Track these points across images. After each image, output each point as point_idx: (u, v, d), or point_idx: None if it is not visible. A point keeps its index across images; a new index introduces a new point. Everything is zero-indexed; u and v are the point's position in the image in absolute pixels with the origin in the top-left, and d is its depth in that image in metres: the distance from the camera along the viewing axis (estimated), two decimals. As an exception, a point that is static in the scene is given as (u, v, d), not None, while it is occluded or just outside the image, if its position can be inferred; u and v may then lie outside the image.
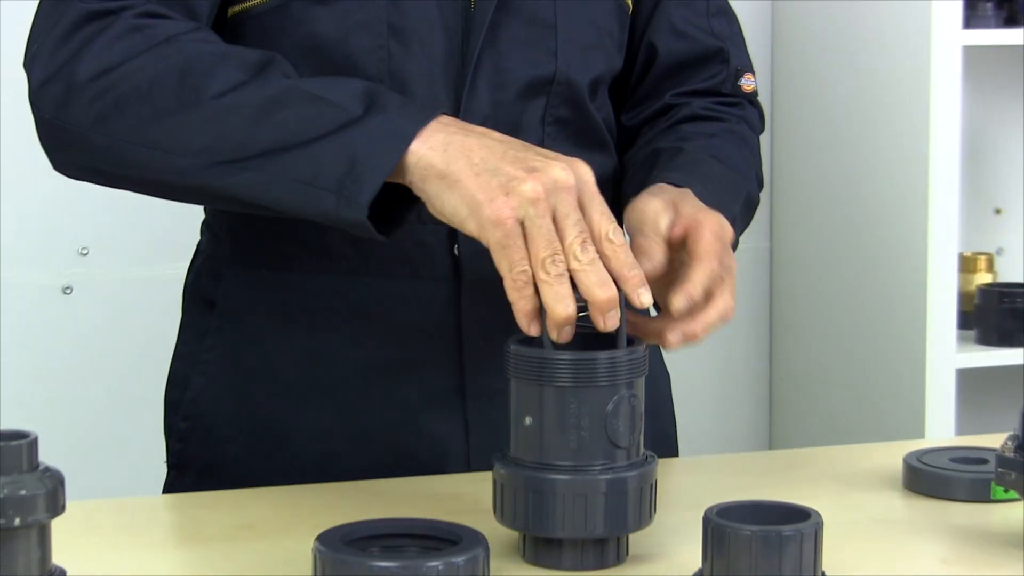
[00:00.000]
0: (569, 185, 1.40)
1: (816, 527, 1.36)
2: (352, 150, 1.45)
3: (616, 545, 1.47)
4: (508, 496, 1.45)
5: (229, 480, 1.73)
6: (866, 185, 2.98)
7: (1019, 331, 2.98)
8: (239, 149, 1.50)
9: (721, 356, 3.29)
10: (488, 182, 1.41)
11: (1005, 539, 1.55)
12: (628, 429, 1.44)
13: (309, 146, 1.47)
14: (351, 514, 1.50)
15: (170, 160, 1.53)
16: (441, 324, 1.71)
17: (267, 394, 1.76)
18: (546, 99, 1.73)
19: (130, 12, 1.56)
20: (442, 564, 1.32)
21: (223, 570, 1.47)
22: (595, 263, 1.40)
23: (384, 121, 1.46)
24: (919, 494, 1.68)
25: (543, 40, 1.72)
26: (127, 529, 1.59)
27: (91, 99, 1.54)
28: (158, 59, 1.53)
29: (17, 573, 1.25)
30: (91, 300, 2.94)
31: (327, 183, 1.45)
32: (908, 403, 2.90)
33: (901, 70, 2.88)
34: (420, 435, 1.74)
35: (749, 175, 1.78)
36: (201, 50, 1.54)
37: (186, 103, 1.51)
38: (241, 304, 1.77)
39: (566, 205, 1.40)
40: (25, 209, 2.83)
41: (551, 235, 1.39)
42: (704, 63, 1.84)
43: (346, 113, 1.47)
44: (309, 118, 1.48)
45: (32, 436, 1.25)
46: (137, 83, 1.53)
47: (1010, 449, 1.50)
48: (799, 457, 1.89)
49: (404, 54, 1.67)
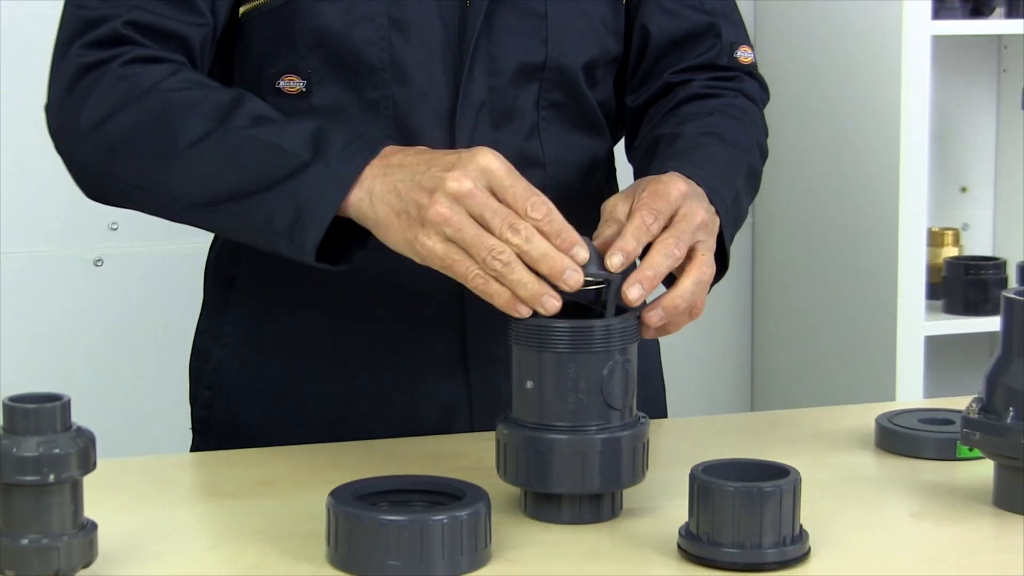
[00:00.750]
0: (465, 191, 1.40)
1: (794, 483, 1.36)
2: (297, 200, 1.49)
3: (611, 500, 1.47)
4: (510, 455, 1.45)
5: (249, 443, 1.73)
6: (842, 165, 2.98)
7: (983, 301, 2.98)
8: (208, 194, 1.56)
9: (706, 325, 3.29)
10: (407, 221, 1.44)
11: (970, 494, 1.54)
12: (622, 392, 1.44)
13: (262, 194, 1.51)
14: (362, 471, 1.50)
15: (159, 200, 1.60)
16: (445, 296, 1.71)
17: (283, 363, 1.76)
18: (539, 84, 1.72)
19: (118, 61, 1.60)
20: (446, 518, 1.32)
21: (243, 523, 1.47)
22: (531, 238, 1.40)
23: (325, 170, 1.48)
24: (890, 453, 1.68)
25: (534, 29, 1.71)
26: (153, 485, 1.58)
27: (94, 147, 1.61)
28: (140, 110, 1.58)
29: (52, 526, 1.25)
30: (121, 272, 2.94)
31: (279, 228, 1.50)
32: (880, 368, 2.90)
33: (874, 59, 2.88)
34: (426, 399, 1.74)
35: (749, 147, 1.75)
36: (177, 99, 1.57)
37: (164, 152, 1.56)
38: (258, 281, 1.76)
39: (477, 205, 1.40)
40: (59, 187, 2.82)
41: (478, 238, 1.40)
42: (697, 39, 1.80)
43: (295, 159, 1.50)
44: (264, 166, 1.52)
45: (65, 398, 1.25)
46: (125, 133, 1.58)
47: (975, 411, 1.49)
48: (779, 418, 1.89)
49: (404, 45, 1.67)
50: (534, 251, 1.39)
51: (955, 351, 3.22)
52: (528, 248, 1.39)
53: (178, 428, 1.96)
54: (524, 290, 1.39)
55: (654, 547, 1.40)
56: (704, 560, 1.35)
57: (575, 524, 1.46)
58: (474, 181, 1.41)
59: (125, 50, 1.60)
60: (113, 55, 1.60)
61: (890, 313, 2.86)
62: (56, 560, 1.25)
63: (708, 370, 3.34)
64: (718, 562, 1.34)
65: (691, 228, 1.49)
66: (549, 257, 1.39)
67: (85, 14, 1.62)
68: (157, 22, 1.61)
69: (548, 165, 1.73)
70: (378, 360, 1.74)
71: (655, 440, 1.51)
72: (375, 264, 1.59)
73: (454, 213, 1.40)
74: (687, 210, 1.50)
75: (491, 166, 1.42)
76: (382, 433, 1.72)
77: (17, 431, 1.23)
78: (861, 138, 2.92)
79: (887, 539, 1.44)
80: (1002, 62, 3.29)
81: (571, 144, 1.75)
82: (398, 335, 1.73)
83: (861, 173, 2.93)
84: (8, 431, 1.24)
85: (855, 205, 2.95)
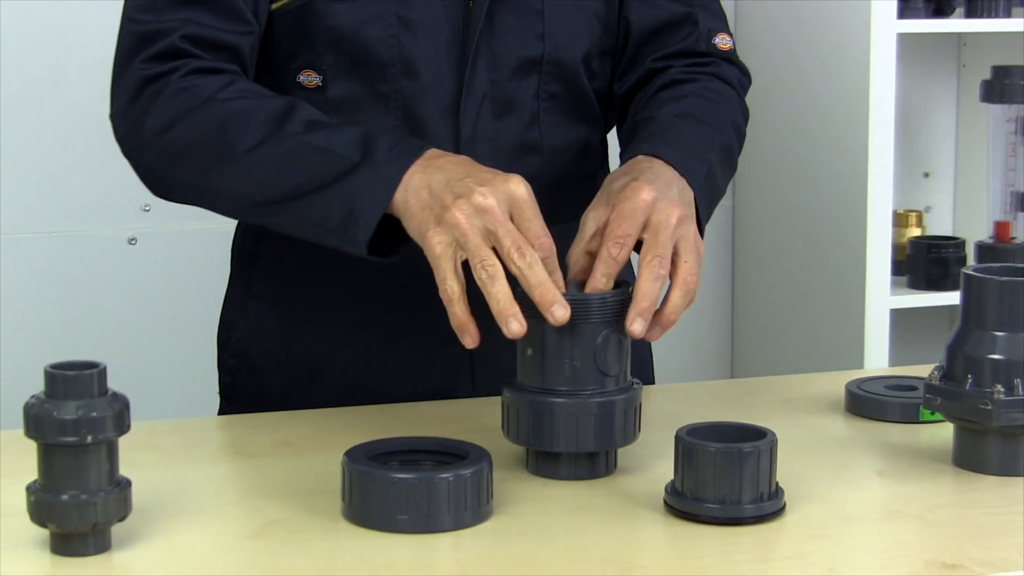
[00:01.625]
0: (487, 206, 1.41)
1: (771, 444, 1.36)
2: (350, 199, 1.50)
3: (605, 458, 1.47)
4: (513, 417, 1.46)
5: (271, 407, 1.72)
6: (815, 153, 2.98)
7: (944, 277, 2.98)
8: (266, 195, 1.57)
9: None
10: (428, 215, 1.45)
11: (931, 454, 1.54)
12: (615, 359, 1.44)
13: (317, 194, 1.53)
14: (374, 433, 1.50)
15: (219, 200, 1.63)
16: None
17: (303, 335, 1.76)
18: (538, 77, 1.71)
19: (178, 74, 1.60)
20: (452, 476, 1.32)
21: (265, 481, 1.47)
22: (533, 265, 1.40)
23: (373, 171, 1.49)
24: (859, 416, 1.68)
25: (532, 25, 1.70)
26: (182, 446, 1.58)
27: (158, 153, 1.62)
28: (201, 120, 1.59)
29: (89, 483, 1.25)
30: (153, 250, 2.93)
31: (332, 226, 1.52)
32: (849, 338, 2.90)
33: (844, 54, 2.87)
34: (433, 367, 1.74)
35: (722, 126, 1.71)
36: (234, 109, 1.58)
37: (224, 157, 1.57)
38: (279, 259, 1.76)
39: (492, 222, 1.42)
40: (95, 171, 2.82)
41: (477, 247, 1.41)
42: (675, 27, 1.77)
43: (346, 162, 1.51)
44: (317, 168, 1.53)
45: (102, 366, 1.25)
46: (187, 141, 1.59)
47: (936, 378, 1.49)
48: (757, 385, 1.89)
49: (412, 42, 1.66)
50: (533, 277, 1.40)
51: (918, 323, 3.21)
52: (528, 273, 1.40)
53: (206, 394, 1.96)
54: (497, 304, 1.41)
55: (643, 502, 1.40)
56: (688, 515, 1.35)
57: (572, 480, 1.46)
58: (498, 201, 1.42)
59: (183, 63, 1.61)
60: (173, 68, 1.61)
61: (859, 288, 2.86)
62: (94, 514, 1.25)
63: (692, 341, 3.34)
64: (701, 516, 1.34)
65: (668, 236, 1.48)
66: (544, 286, 1.40)
67: (142, 29, 1.62)
68: (210, 35, 1.62)
69: (545, 152, 1.72)
70: (389, 331, 1.73)
71: (645, 404, 1.51)
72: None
73: (469, 221, 1.42)
74: (659, 217, 1.48)
75: (518, 193, 1.43)
76: (392, 398, 1.72)
77: (57, 396, 1.23)
78: (833, 127, 2.92)
79: (856, 495, 1.44)
80: (962, 58, 3.28)
81: (568, 132, 1.75)
82: (407, 309, 1.72)
83: (833, 160, 2.92)
84: (49, 396, 1.24)
85: (827, 189, 2.94)
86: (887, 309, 2.87)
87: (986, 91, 3.04)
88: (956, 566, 1.26)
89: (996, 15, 2.93)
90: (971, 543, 1.31)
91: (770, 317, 3.21)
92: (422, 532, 1.31)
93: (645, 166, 1.55)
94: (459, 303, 1.43)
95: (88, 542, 1.26)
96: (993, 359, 1.45)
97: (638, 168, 1.55)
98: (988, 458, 1.48)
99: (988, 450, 1.48)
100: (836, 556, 1.29)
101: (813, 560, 1.28)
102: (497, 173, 1.46)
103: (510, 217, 1.43)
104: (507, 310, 1.40)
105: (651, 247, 1.47)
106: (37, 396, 1.24)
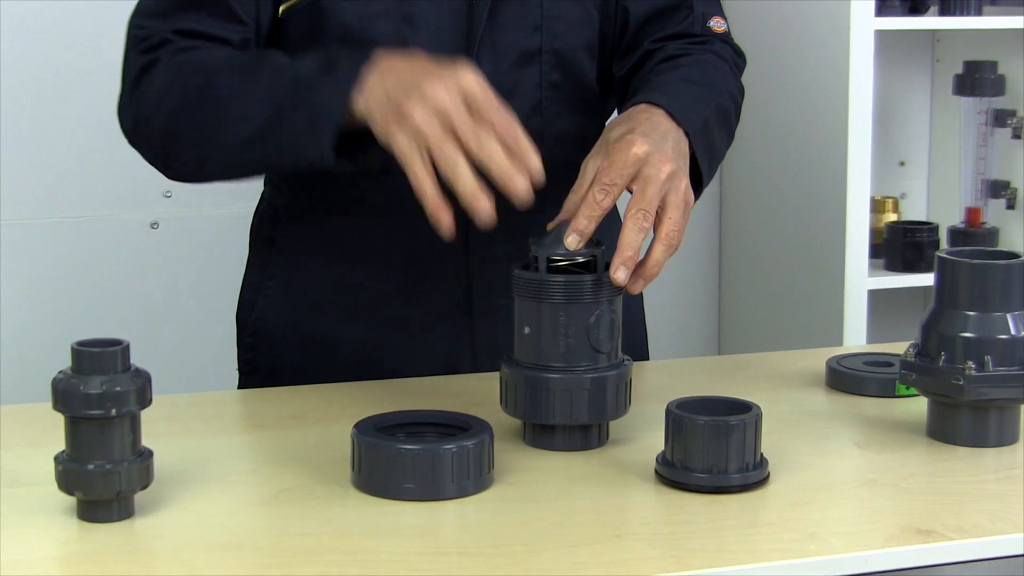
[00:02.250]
0: (440, 102, 1.39)
1: (756, 417, 1.36)
2: (313, 110, 1.48)
3: (598, 431, 1.47)
4: (511, 391, 1.46)
5: (287, 382, 1.73)
6: (798, 143, 2.97)
7: (919, 260, 2.97)
8: (248, 132, 1.53)
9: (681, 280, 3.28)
10: (388, 119, 1.42)
11: (907, 427, 1.54)
12: (607, 337, 1.44)
13: (287, 117, 1.50)
14: (382, 407, 1.50)
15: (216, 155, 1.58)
16: (453, 254, 1.70)
17: (316, 314, 1.76)
18: (539, 67, 1.71)
19: (166, 52, 1.60)
20: (455, 447, 1.32)
21: (278, 451, 1.47)
22: (487, 148, 1.38)
23: (331, 83, 1.47)
24: (838, 391, 1.68)
25: (531, 19, 1.69)
26: (200, 418, 1.58)
27: (157, 127, 1.59)
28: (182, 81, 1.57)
29: (114, 453, 1.25)
30: (175, 233, 2.93)
31: (304, 143, 1.48)
32: (829, 317, 2.89)
33: (825, 50, 2.86)
34: (437, 343, 1.74)
35: (717, 89, 1.69)
36: (211, 64, 1.58)
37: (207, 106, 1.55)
38: (295, 242, 1.76)
39: (446, 115, 1.39)
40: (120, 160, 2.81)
41: (439, 145, 1.38)
42: (671, 12, 1.76)
43: (309, 81, 1.49)
44: (286, 94, 1.50)
45: (125, 343, 1.25)
46: (176, 104, 1.57)
47: (911, 355, 1.49)
48: (742, 361, 1.89)
49: (416, 37, 1.65)
50: (491, 162, 1.38)
51: (894, 303, 3.21)
52: (484, 157, 1.38)
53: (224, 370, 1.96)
54: (464, 196, 1.38)
55: (635, 472, 1.40)
56: (678, 484, 1.34)
57: (567, 451, 1.46)
58: (450, 95, 1.40)
59: (172, 47, 1.60)
60: (163, 53, 1.60)
61: (838, 270, 2.85)
62: (118, 482, 1.25)
63: (682, 319, 3.34)
64: (689, 485, 1.34)
65: (656, 190, 1.46)
66: (500, 167, 1.38)
67: (141, 33, 1.63)
68: (200, 28, 1.62)
69: (546, 140, 1.71)
70: (396, 311, 1.73)
71: (638, 379, 1.51)
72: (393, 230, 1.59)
73: (425, 120, 1.39)
74: (649, 171, 1.46)
75: (467, 83, 1.41)
76: (400, 374, 1.72)
77: (83, 371, 1.23)
78: (814, 119, 2.91)
79: (835, 464, 1.44)
80: (936, 53, 3.28)
81: (569, 121, 1.73)
82: (413, 290, 1.72)
83: (814, 149, 2.92)
84: (76, 371, 1.24)
85: (809, 177, 2.94)
86: (865, 290, 2.87)
87: (958, 85, 3.04)
88: (929, 531, 1.26)
89: (968, 13, 2.92)
90: (944, 510, 1.31)
91: (755, 297, 3.21)
92: (427, 500, 1.31)
93: (644, 116, 1.53)
94: (430, 192, 1.39)
95: (113, 508, 1.26)
96: (965, 337, 1.45)
97: (636, 118, 1.53)
98: (960, 430, 1.48)
99: (960, 422, 1.48)
100: (817, 522, 1.29)
101: (795, 526, 1.28)
102: (446, 66, 1.43)
103: (467, 106, 1.41)
104: (474, 200, 1.38)
105: (637, 200, 1.45)
106: (64, 372, 1.24)
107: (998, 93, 3.01)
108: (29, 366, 2.82)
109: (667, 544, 1.23)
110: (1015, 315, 1.46)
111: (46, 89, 2.80)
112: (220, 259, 2.90)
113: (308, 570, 1.17)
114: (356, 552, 1.21)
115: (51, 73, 2.80)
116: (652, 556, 1.21)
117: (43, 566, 1.19)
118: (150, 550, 1.23)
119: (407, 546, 1.22)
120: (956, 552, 1.24)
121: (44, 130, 2.82)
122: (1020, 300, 1.46)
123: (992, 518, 1.29)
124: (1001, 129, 3.06)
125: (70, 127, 2.83)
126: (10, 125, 2.79)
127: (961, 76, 3.03)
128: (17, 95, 2.79)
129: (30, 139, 2.81)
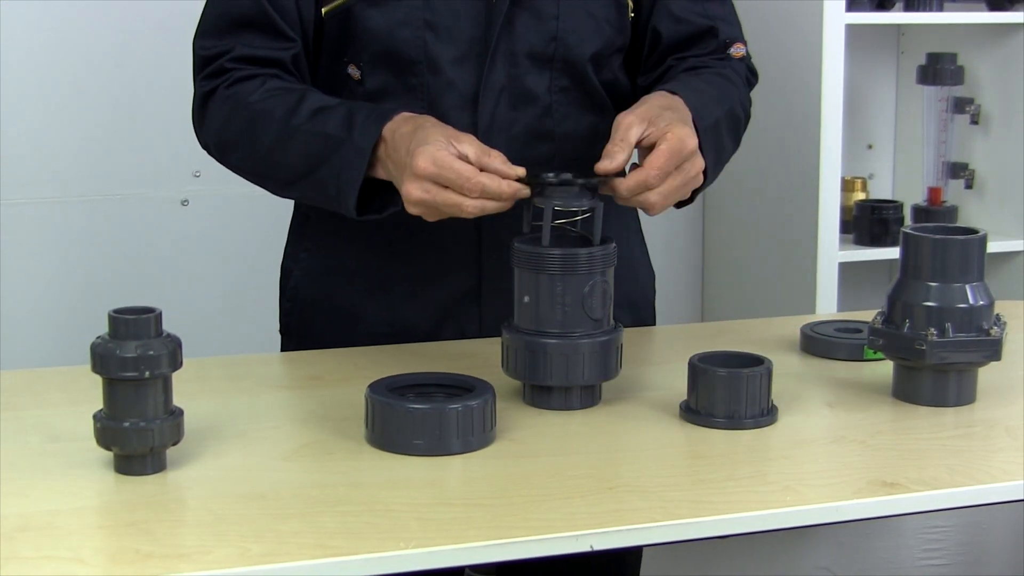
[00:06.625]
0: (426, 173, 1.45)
1: (768, 370, 1.42)
2: (337, 173, 1.55)
3: (592, 391, 1.47)
4: (512, 355, 1.46)
5: (319, 345, 1.74)
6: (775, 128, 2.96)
7: (885, 235, 2.97)
8: (287, 176, 1.62)
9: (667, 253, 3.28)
10: (400, 186, 1.49)
11: (873, 388, 1.55)
12: (600, 305, 1.44)
13: (316, 172, 1.57)
14: (394, 369, 1.50)
15: (265, 183, 1.68)
16: (465, 241, 1.70)
17: (343, 287, 1.76)
18: (550, 72, 1.69)
19: (223, 85, 1.66)
20: (460, 406, 1.32)
21: (298, 409, 1.47)
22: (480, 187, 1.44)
23: (351, 146, 1.55)
24: (811, 355, 1.68)
25: (546, 28, 1.67)
26: (228, 379, 1.58)
27: (219, 153, 1.69)
28: (237, 121, 1.64)
29: (147, 412, 1.25)
30: (204, 210, 2.91)
31: (331, 195, 1.56)
32: (803, 287, 2.89)
33: (800, 43, 2.85)
34: (448, 321, 1.73)
35: (731, 96, 1.70)
36: (259, 110, 1.62)
37: (255, 149, 1.63)
38: (326, 220, 1.76)
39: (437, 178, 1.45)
40: (150, 140, 2.80)
41: (447, 207, 1.45)
42: (698, 39, 1.75)
43: (334, 140, 1.56)
44: (315, 150, 1.57)
45: (157, 311, 1.25)
46: (231, 139, 1.66)
47: (878, 322, 1.49)
48: (724, 327, 1.88)
49: (436, 43, 1.65)
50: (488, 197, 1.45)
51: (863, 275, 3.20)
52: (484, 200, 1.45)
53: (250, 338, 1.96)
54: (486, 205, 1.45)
55: (627, 429, 1.40)
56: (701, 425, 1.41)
57: (563, 410, 1.46)
58: (435, 164, 1.45)
59: (227, 77, 1.65)
60: (221, 82, 1.66)
61: (811, 244, 2.85)
62: (151, 439, 1.25)
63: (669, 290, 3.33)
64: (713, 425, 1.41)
65: (681, 181, 1.50)
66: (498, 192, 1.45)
67: (204, 53, 1.68)
68: (255, 53, 1.66)
69: (557, 139, 1.70)
70: (412, 288, 1.73)
71: (641, 344, 1.51)
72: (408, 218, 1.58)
73: (422, 193, 1.46)
74: (690, 166, 1.51)
75: (439, 156, 1.45)
76: (414, 339, 1.72)
77: (119, 336, 1.23)
78: (789, 106, 2.90)
79: (808, 422, 1.44)
80: (901, 46, 3.27)
81: (579, 121, 1.72)
82: (428, 271, 1.72)
83: (790, 134, 2.91)
84: (112, 337, 1.24)
85: (785, 159, 2.93)
86: (836, 262, 2.86)
87: (921, 75, 3.03)
88: (894, 484, 1.26)
89: (931, 9, 2.92)
90: (907, 464, 1.31)
91: (735, 269, 3.20)
92: (434, 455, 1.31)
93: (678, 103, 1.55)
94: (474, 209, 1.45)
95: (146, 462, 1.26)
96: (927, 306, 1.45)
97: (673, 102, 1.55)
98: (922, 391, 1.49)
99: (922, 384, 1.48)
100: (792, 475, 1.29)
101: (771, 479, 1.28)
102: (412, 149, 1.47)
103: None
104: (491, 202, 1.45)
105: (664, 177, 1.48)
106: (102, 337, 1.24)
107: (958, 82, 3.01)
108: (69, 332, 2.81)
109: (654, 496, 1.23)
110: (973, 286, 1.46)
111: (82, 70, 2.79)
112: (247, 235, 2.89)
113: (325, 519, 1.17)
114: (370, 502, 1.21)
115: (87, 55, 2.79)
116: (641, 507, 1.21)
117: (83, 514, 1.19)
118: (181, 500, 1.23)
119: (416, 497, 1.22)
120: (918, 503, 1.25)
121: (80, 112, 2.80)
122: (978, 272, 1.46)
123: (951, 472, 1.29)
124: (960, 116, 3.05)
125: (105, 111, 2.82)
126: (47, 107, 2.78)
127: (924, 67, 3.03)
128: (53, 76, 2.77)
129: (66, 121, 2.79)
